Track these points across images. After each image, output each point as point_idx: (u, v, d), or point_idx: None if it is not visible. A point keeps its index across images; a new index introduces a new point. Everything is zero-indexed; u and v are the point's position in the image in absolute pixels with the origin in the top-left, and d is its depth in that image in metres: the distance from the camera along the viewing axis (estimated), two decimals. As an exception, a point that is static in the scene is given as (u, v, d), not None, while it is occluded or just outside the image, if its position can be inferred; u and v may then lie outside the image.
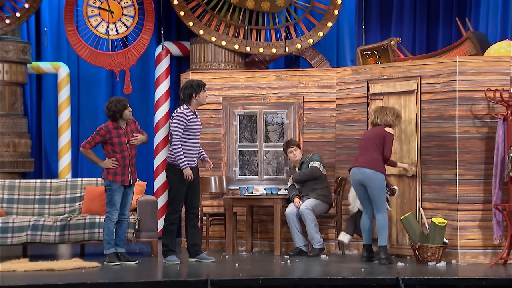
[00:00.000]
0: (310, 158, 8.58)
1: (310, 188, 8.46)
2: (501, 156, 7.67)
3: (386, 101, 8.44)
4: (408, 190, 8.24)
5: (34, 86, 10.75)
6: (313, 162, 8.52)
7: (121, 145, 7.70)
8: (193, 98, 7.79)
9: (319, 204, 8.40)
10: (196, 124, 7.81)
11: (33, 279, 6.71)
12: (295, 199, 8.45)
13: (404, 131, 8.28)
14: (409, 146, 8.25)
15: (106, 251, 7.75)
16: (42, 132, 10.72)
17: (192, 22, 9.98)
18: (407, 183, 8.26)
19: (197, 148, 7.85)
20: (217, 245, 9.14)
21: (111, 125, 7.72)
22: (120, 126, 7.71)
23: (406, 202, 8.27)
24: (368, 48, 9.76)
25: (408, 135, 8.25)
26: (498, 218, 7.68)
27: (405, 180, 8.28)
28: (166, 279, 6.78)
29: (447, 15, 10.38)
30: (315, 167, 8.47)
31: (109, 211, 7.72)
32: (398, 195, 8.17)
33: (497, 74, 7.87)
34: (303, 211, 8.28)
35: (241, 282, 6.70)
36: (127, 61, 9.92)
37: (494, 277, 6.92)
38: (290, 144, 8.64)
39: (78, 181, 8.81)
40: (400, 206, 8.32)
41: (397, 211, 8.34)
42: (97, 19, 9.88)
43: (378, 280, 6.79)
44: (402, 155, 8.28)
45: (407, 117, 8.25)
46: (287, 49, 9.94)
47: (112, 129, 7.70)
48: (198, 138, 7.89)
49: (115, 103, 7.68)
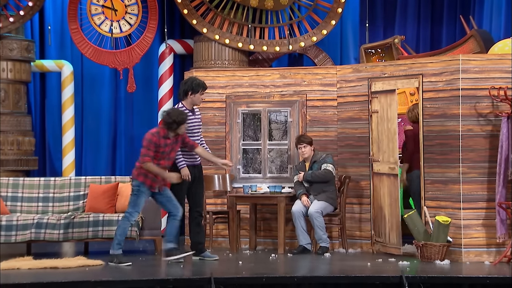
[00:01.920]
0: (323, 159, 8.50)
1: (319, 189, 8.43)
2: (505, 154, 7.66)
3: (385, 100, 8.44)
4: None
5: (38, 84, 10.76)
6: (327, 165, 8.45)
7: (162, 154, 7.60)
8: (189, 96, 7.78)
9: (327, 207, 8.40)
10: (193, 121, 7.78)
11: (37, 277, 6.73)
12: (303, 197, 8.42)
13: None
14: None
15: (115, 251, 7.60)
16: (46, 130, 10.74)
17: (196, 20, 9.98)
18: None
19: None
20: (220, 243, 9.15)
21: (162, 132, 7.59)
22: (168, 136, 7.62)
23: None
24: (372, 46, 9.76)
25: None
26: (502, 216, 7.67)
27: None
28: (169, 277, 6.79)
29: (451, 13, 10.37)
30: (329, 171, 8.42)
31: (131, 212, 7.61)
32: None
33: (500, 72, 7.86)
34: (313, 214, 8.25)
35: (245, 280, 6.70)
36: (130, 59, 9.92)
37: (498, 276, 6.91)
38: (300, 140, 8.56)
39: (82, 179, 8.82)
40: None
41: (389, 211, 8.32)
42: (101, 17, 9.89)
43: (382, 278, 6.78)
44: (389, 154, 8.24)
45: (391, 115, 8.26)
46: (291, 47, 9.93)
47: (161, 137, 7.59)
48: (198, 135, 7.87)
49: (178, 113, 7.55)
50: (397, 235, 8.11)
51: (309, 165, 8.55)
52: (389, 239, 8.26)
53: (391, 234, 8.22)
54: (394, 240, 8.17)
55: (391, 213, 8.22)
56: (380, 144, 8.42)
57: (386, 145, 8.34)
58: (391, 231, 8.23)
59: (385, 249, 8.30)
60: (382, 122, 8.39)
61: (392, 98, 8.25)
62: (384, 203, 8.35)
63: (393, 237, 8.20)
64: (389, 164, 8.27)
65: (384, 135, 8.37)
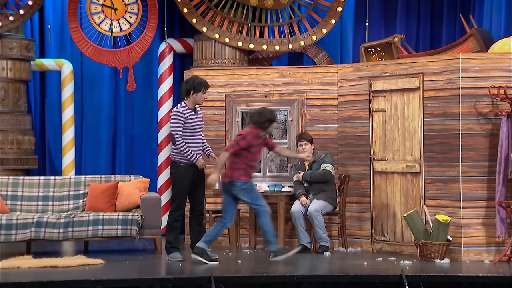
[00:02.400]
0: (323, 159, 8.51)
1: (319, 189, 8.44)
2: (505, 153, 7.66)
3: (389, 98, 8.44)
4: (412, 188, 8.24)
5: (37, 83, 10.76)
6: (326, 165, 8.45)
7: (254, 154, 7.63)
8: (191, 95, 7.78)
9: (327, 206, 8.40)
10: (196, 120, 7.78)
11: (37, 276, 6.73)
12: (302, 198, 8.43)
13: (407, 128, 8.28)
14: (412, 143, 8.25)
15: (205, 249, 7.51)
16: (46, 129, 10.73)
17: (196, 19, 9.97)
18: (411, 180, 8.26)
19: (198, 144, 7.83)
20: (220, 242, 9.15)
21: (255, 132, 7.61)
22: (260, 136, 7.64)
23: (410, 199, 8.27)
24: (372, 45, 9.75)
25: (412, 132, 8.26)
26: (502, 215, 7.67)
27: (408, 177, 8.28)
28: (169, 276, 6.79)
29: (451, 12, 10.37)
30: (328, 171, 8.43)
31: (262, 204, 7.61)
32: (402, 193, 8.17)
33: (500, 71, 7.86)
34: (313, 214, 8.26)
35: (245, 279, 6.70)
36: (130, 58, 9.92)
37: (497, 275, 6.91)
38: (301, 138, 8.56)
39: (82, 178, 8.82)
40: (404, 204, 8.32)
41: (401, 209, 8.34)
42: (101, 16, 9.88)
43: (381, 277, 6.78)
44: (405, 152, 8.28)
45: (410, 114, 8.26)
46: (291, 46, 9.93)
47: (255, 136, 7.61)
48: (200, 134, 7.88)
49: (269, 112, 7.61)
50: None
51: (308, 164, 8.55)
52: (402, 238, 8.26)
53: (405, 233, 8.22)
54: (409, 238, 8.18)
55: (406, 211, 8.15)
56: (391, 142, 8.39)
57: (400, 143, 8.32)
58: (405, 229, 8.22)
59: (394, 248, 8.29)
60: (392, 120, 8.38)
61: (413, 96, 8.20)
62: (395, 201, 8.33)
63: (407, 236, 8.20)
64: (405, 162, 8.25)
65: (396, 133, 8.35)
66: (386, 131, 8.46)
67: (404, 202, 8.31)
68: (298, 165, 8.69)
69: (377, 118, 8.54)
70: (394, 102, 8.40)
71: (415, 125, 8.23)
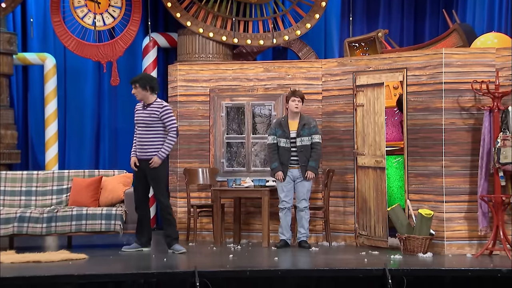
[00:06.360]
0: (314, 127, 8.33)
1: (307, 156, 8.30)
2: (487, 148, 7.71)
3: (366, 93, 8.47)
4: (380, 183, 8.26)
5: (20, 77, 10.69)
6: (316, 137, 8.29)
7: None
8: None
9: (310, 187, 8.38)
10: (139, 115, 7.90)
11: (19, 271, 6.69)
12: (279, 174, 8.33)
13: (376, 123, 8.29)
14: (380, 138, 8.27)
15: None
16: (29, 124, 10.67)
17: (180, 13, 9.94)
18: (379, 176, 8.28)
19: (143, 140, 7.85)
20: (204, 237, 9.15)
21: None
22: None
23: (379, 194, 8.30)
24: (356, 40, 9.78)
25: (380, 127, 8.28)
26: (484, 209, 7.72)
27: (378, 172, 8.30)
28: (153, 270, 6.78)
29: (434, 7, 10.41)
30: (319, 143, 8.35)
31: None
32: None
33: (483, 66, 7.90)
34: (302, 213, 8.27)
35: (229, 274, 6.70)
36: (114, 53, 9.88)
37: (479, 268, 6.96)
38: (296, 94, 8.34)
39: (65, 173, 8.78)
40: (375, 199, 8.35)
41: (374, 203, 8.36)
42: (84, 10, 9.83)
43: (365, 271, 6.81)
44: (375, 147, 8.29)
45: (378, 109, 8.29)
46: (275, 41, 9.93)
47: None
48: (146, 129, 7.87)
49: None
50: (384, 228, 8.16)
51: (297, 125, 8.30)
52: (375, 232, 8.30)
53: (377, 227, 8.26)
54: (381, 233, 8.21)
55: (376, 206, 8.25)
56: (366, 137, 8.44)
57: (372, 138, 8.36)
58: (377, 224, 8.27)
59: (370, 242, 8.34)
60: (368, 115, 8.42)
61: (380, 91, 8.28)
62: (370, 196, 8.38)
63: (379, 230, 8.24)
64: (375, 157, 8.30)
65: (370, 128, 8.39)
66: (364, 125, 8.49)
67: (375, 197, 8.32)
68: (284, 121, 8.36)
69: (359, 113, 8.57)
70: (368, 97, 8.44)
71: (382, 120, 8.25)
